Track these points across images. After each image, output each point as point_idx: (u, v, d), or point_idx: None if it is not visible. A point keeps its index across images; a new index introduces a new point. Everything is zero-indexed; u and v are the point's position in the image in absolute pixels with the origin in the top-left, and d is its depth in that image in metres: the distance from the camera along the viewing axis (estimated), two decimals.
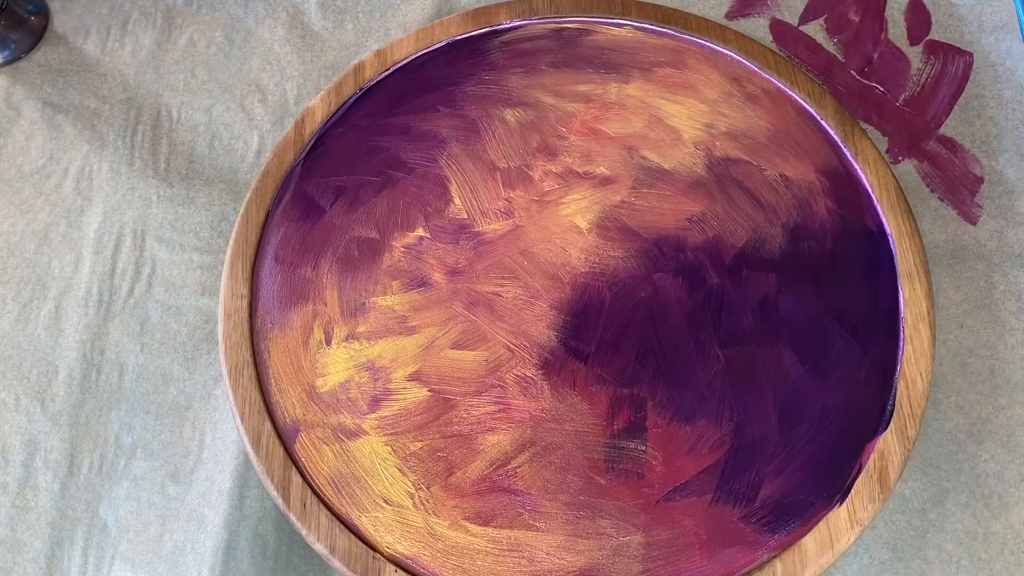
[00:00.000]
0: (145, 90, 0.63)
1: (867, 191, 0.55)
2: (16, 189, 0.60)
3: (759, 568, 0.46)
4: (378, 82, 0.59)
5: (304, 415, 0.50)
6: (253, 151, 0.61)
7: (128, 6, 0.66)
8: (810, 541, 0.46)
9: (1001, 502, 0.51)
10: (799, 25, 0.63)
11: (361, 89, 0.58)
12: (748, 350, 0.51)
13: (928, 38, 0.62)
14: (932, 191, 0.58)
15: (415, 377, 0.50)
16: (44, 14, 0.66)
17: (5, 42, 0.64)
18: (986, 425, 0.52)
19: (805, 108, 0.57)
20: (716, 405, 0.49)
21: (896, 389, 0.49)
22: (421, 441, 0.49)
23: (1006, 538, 0.50)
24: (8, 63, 0.64)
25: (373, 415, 0.50)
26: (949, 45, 0.61)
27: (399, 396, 0.50)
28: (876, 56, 0.61)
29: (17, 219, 0.60)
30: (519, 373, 0.50)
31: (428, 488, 0.48)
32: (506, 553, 0.46)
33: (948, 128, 0.59)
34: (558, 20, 0.60)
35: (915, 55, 0.61)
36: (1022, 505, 0.51)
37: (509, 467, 0.48)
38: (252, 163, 0.61)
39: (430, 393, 0.50)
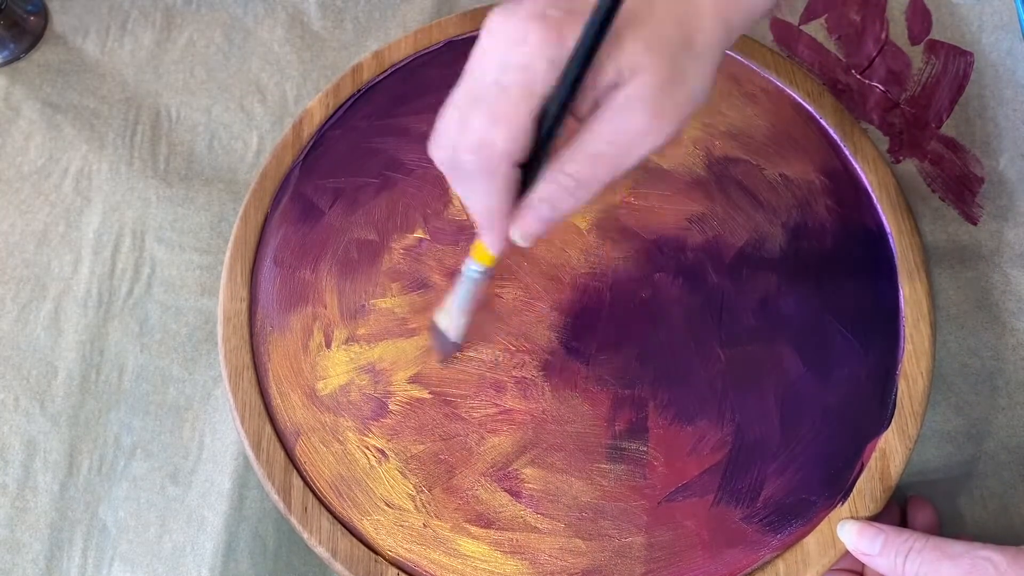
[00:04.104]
0: (144, 90, 0.63)
1: (867, 190, 0.55)
2: (15, 189, 0.60)
3: (761, 568, 0.46)
4: (376, 83, 0.58)
5: (305, 418, 0.50)
6: (252, 151, 0.61)
7: (127, 6, 0.66)
8: (812, 541, 0.46)
9: (1001, 503, 0.51)
10: (800, 24, 0.63)
11: (359, 91, 0.58)
12: (749, 350, 0.51)
13: (929, 38, 0.62)
14: (933, 191, 0.58)
15: (416, 379, 0.50)
16: (43, 14, 0.66)
17: (4, 42, 0.64)
18: (986, 426, 0.52)
19: (804, 107, 0.57)
20: (717, 405, 0.49)
21: (897, 388, 0.50)
22: (422, 444, 0.49)
23: (1006, 539, 0.50)
24: (7, 63, 0.64)
25: (374, 418, 0.50)
26: (950, 45, 0.61)
27: (400, 398, 0.50)
28: (877, 55, 0.61)
29: (16, 219, 0.59)
30: (520, 374, 0.50)
31: (430, 491, 0.48)
32: (508, 555, 0.46)
33: (949, 128, 0.59)
34: None
35: (916, 55, 0.61)
36: (1022, 506, 0.51)
37: (510, 469, 0.48)
38: (251, 163, 0.61)
39: (431, 395, 0.50)
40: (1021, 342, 0.54)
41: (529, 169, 0.37)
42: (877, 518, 0.46)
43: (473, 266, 0.44)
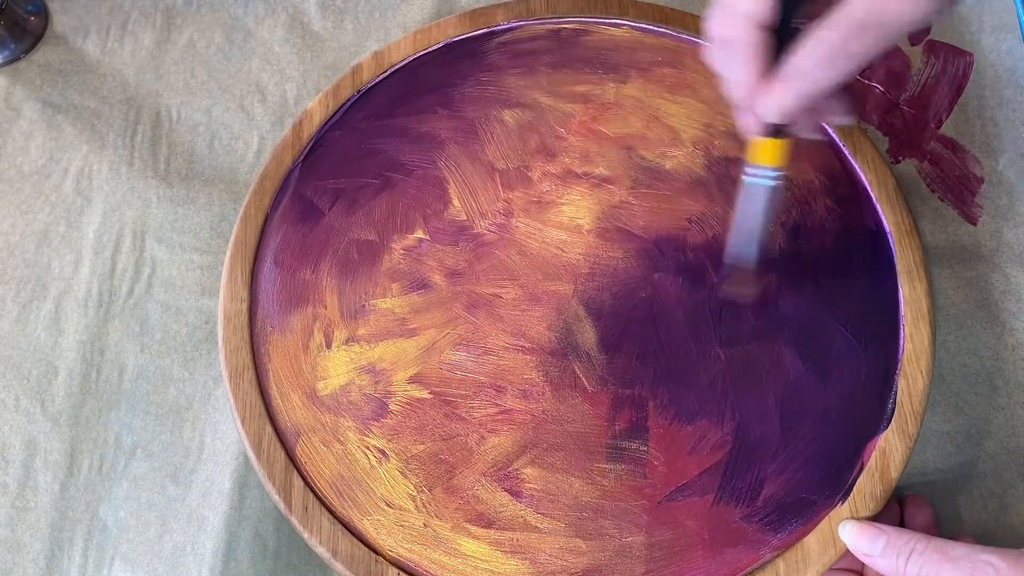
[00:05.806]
0: (145, 90, 0.63)
1: (866, 190, 0.55)
2: (16, 189, 0.60)
3: (762, 568, 0.46)
4: (376, 84, 0.58)
5: (305, 418, 0.50)
6: (253, 151, 0.61)
7: (128, 6, 0.66)
8: (812, 540, 0.46)
9: (1000, 503, 0.51)
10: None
11: (359, 91, 0.58)
12: (749, 350, 0.51)
13: (928, 38, 0.62)
14: (932, 191, 0.58)
15: (416, 379, 0.50)
16: (43, 14, 0.66)
17: (4, 42, 0.64)
18: (985, 426, 0.52)
19: None
20: (717, 405, 0.49)
21: (897, 387, 0.50)
22: (422, 444, 0.49)
23: (1005, 539, 0.50)
24: (8, 63, 0.64)
25: (374, 418, 0.50)
26: (949, 45, 0.61)
27: (400, 398, 0.50)
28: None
29: (17, 219, 0.60)
30: (520, 374, 0.50)
31: (430, 490, 0.48)
32: (509, 555, 0.46)
33: (948, 128, 0.59)
34: (556, 21, 0.60)
35: (915, 55, 0.61)
36: (1021, 505, 0.51)
37: (511, 469, 0.48)
38: (252, 163, 0.61)
39: (431, 395, 0.50)
40: (1021, 342, 0.54)
41: (783, 39, 0.36)
42: (877, 518, 0.46)
43: (753, 171, 0.39)
